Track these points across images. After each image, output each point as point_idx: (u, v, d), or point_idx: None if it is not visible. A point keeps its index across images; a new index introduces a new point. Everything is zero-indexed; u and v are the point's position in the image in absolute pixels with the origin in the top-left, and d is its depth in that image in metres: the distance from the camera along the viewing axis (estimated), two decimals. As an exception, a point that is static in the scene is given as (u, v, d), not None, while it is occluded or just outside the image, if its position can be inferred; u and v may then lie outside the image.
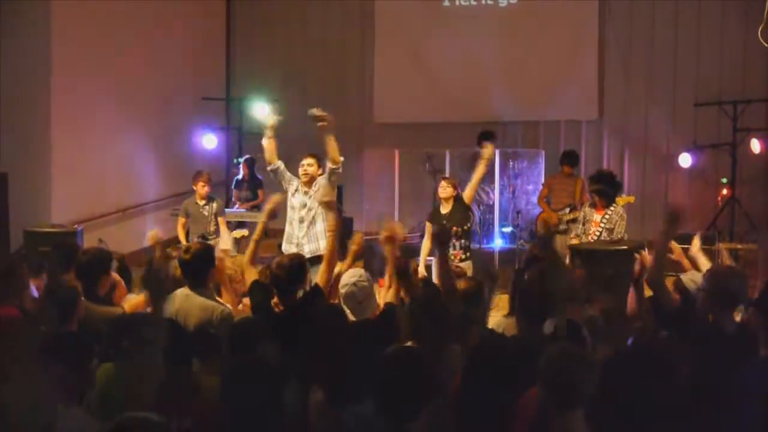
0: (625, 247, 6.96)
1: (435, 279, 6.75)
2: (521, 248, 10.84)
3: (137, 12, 12.54)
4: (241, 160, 12.39)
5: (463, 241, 8.41)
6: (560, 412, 3.20)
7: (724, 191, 12.46)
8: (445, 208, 8.53)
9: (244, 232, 10.23)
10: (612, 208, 8.18)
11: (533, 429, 3.30)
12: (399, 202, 12.32)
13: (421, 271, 8.22)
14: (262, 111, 11.28)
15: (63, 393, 3.52)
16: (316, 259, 7.37)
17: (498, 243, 11.91)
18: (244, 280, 5.79)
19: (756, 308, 4.44)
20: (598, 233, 8.12)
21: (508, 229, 11.92)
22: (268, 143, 7.86)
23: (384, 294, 5.34)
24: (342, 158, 7.72)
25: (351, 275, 5.23)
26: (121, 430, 2.46)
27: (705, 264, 5.83)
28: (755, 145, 12.06)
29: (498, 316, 5.58)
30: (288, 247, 7.63)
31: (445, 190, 8.59)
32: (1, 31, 11.08)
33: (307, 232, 7.75)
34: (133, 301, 5.76)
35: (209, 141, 13.59)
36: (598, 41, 13.49)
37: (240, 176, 12.25)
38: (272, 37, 14.70)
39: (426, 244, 8.58)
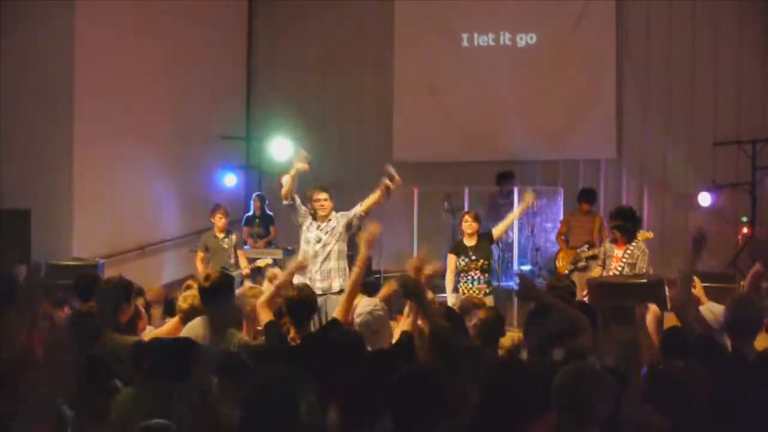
0: (644, 281, 6.94)
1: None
2: (540, 285, 10.78)
3: (160, 51, 12.73)
4: (253, 196, 12.47)
5: (487, 275, 8.57)
6: (575, 429, 3.20)
7: (745, 230, 12.39)
8: (469, 242, 8.73)
9: (268, 260, 10.28)
10: (633, 244, 8.19)
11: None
12: (418, 239, 12.31)
13: (451, 301, 8.29)
14: (289, 150, 11.48)
15: (85, 415, 3.54)
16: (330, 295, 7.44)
17: (517, 281, 11.84)
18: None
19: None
20: (620, 268, 8.10)
21: (527, 267, 11.87)
22: (289, 179, 7.87)
23: (402, 323, 5.33)
24: None
25: (367, 304, 5.23)
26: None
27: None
28: (774, 184, 12.03)
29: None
30: (302, 281, 7.58)
31: (470, 225, 8.83)
32: (23, 71, 11.26)
33: (320, 267, 7.72)
34: (154, 333, 5.77)
35: (229, 179, 13.70)
36: (616, 80, 13.55)
37: (251, 213, 12.32)
38: (292, 78, 14.83)
39: (450, 277, 8.75)
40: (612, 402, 3.24)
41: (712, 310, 5.71)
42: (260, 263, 10.21)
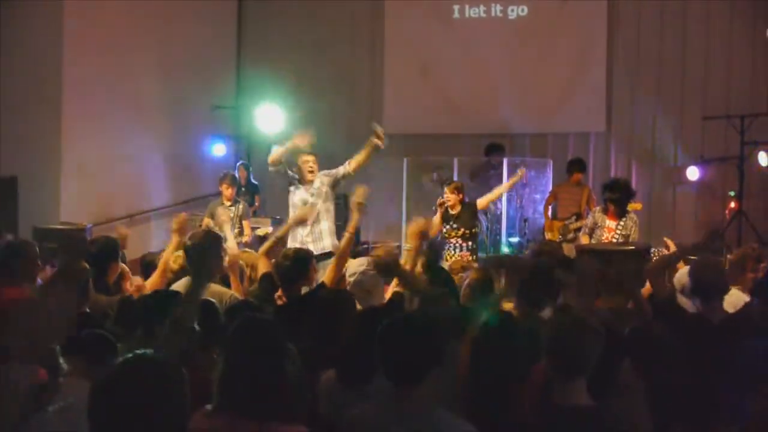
0: (633, 248, 6.96)
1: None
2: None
3: (149, 20, 12.66)
4: (237, 165, 12.43)
5: (470, 243, 8.56)
6: (564, 378, 3.23)
7: (732, 204, 12.42)
8: (453, 211, 8.75)
9: (268, 229, 10.32)
10: (626, 215, 8.23)
11: (539, 396, 3.31)
12: (406, 210, 12.31)
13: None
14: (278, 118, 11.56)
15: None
16: (322, 257, 7.39)
17: (505, 252, 11.88)
18: (254, 275, 5.81)
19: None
20: (614, 239, 8.11)
21: (515, 239, 11.90)
22: (281, 150, 7.86)
23: (392, 287, 5.34)
24: None
25: (359, 264, 5.24)
26: (126, 368, 2.33)
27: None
28: (763, 159, 12.00)
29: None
30: (293, 245, 7.60)
31: (448, 197, 8.87)
32: (13, 35, 11.19)
33: (311, 230, 7.72)
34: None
35: (218, 149, 13.66)
36: (607, 53, 13.51)
37: None
38: (283, 48, 14.75)
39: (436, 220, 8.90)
40: (599, 352, 3.26)
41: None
42: (260, 232, 10.26)
